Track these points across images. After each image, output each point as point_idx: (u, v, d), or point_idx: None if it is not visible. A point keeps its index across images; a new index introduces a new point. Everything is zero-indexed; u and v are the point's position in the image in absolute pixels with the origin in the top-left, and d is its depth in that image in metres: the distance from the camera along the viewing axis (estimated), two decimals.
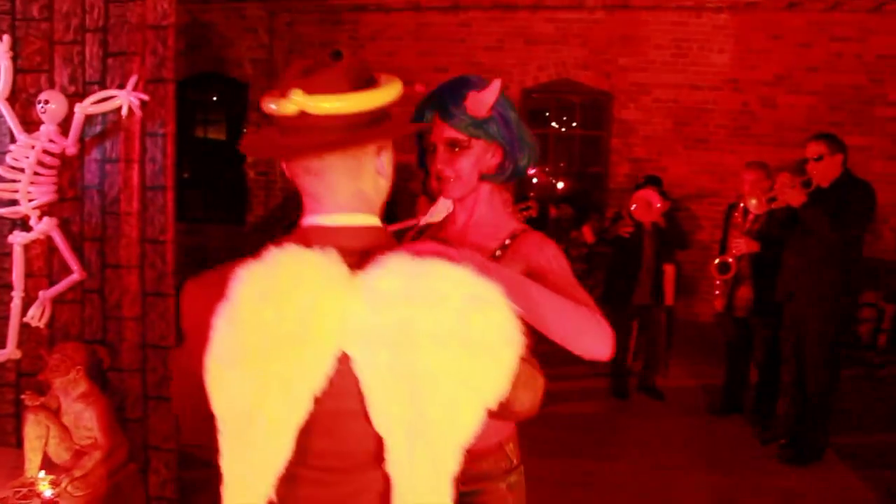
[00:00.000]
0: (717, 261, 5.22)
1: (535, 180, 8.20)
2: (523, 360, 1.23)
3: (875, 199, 4.55)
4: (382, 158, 1.35)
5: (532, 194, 6.62)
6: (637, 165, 8.34)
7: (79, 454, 3.40)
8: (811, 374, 4.56)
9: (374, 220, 1.34)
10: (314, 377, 1.18)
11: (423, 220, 2.16)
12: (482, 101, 1.65)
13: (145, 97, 3.42)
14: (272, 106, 1.26)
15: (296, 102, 1.23)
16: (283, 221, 8.30)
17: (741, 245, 5.06)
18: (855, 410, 5.51)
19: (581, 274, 7.43)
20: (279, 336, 1.17)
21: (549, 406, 5.39)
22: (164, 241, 3.53)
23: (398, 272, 1.17)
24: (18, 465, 3.43)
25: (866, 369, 6.50)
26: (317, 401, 1.19)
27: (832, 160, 4.50)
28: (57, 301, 3.62)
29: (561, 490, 4.13)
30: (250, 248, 1.26)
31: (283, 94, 1.25)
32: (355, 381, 1.19)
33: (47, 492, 3.14)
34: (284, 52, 8.83)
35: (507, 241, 1.72)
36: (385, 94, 1.30)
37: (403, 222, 7.34)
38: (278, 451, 1.20)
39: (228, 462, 1.22)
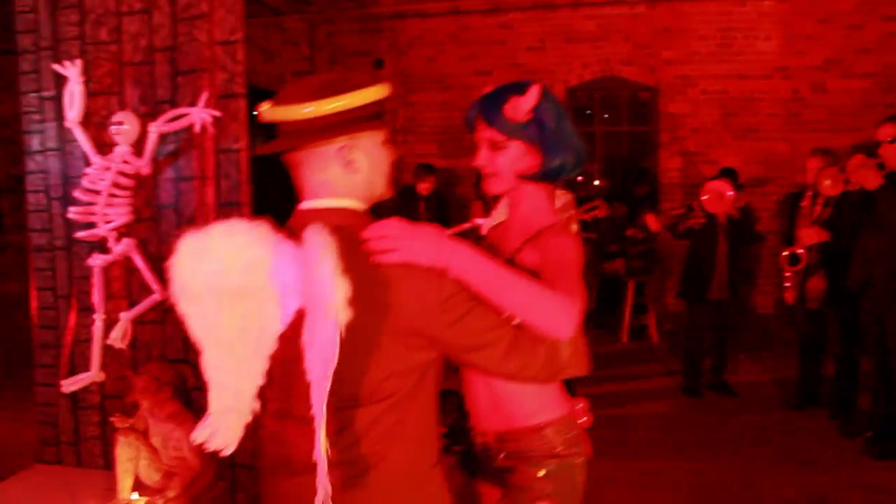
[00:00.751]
0: (786, 252, 5.10)
1: (579, 179, 8.12)
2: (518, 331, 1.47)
3: None
4: (354, 154, 1.52)
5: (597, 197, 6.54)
6: (687, 159, 8.22)
7: (168, 475, 3.39)
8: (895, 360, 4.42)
9: (346, 203, 1.53)
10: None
11: (485, 223, 2.29)
12: (520, 105, 1.76)
13: (217, 113, 3.42)
14: (256, 114, 1.53)
15: (262, 112, 1.51)
16: None
17: (811, 234, 4.94)
18: None
19: (639, 271, 7.34)
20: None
21: (620, 407, 5.31)
22: None
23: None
24: (109, 487, 3.45)
25: None
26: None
27: None
28: (138, 322, 3.63)
29: (642, 492, 4.05)
30: None
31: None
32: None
33: None
34: (326, 62, 8.85)
35: (534, 234, 1.82)
36: (344, 100, 1.47)
37: (460, 225, 7.26)
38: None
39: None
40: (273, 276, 1.39)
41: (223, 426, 1.43)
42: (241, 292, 1.38)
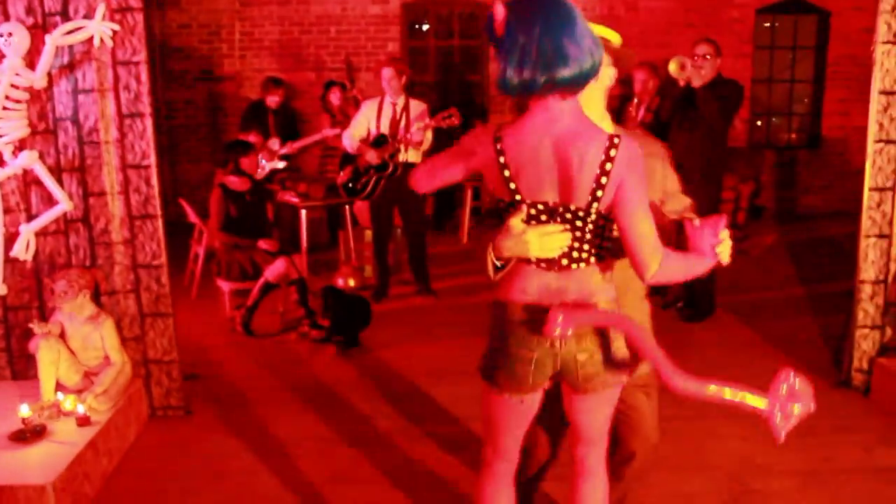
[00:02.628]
0: None
1: None
2: None
3: (744, 95, 5.31)
4: None
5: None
6: None
7: (88, 375, 3.59)
8: None
9: None
10: None
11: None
12: (492, 21, 1.90)
13: (115, 27, 3.50)
14: None
15: None
16: None
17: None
18: (730, 277, 6.39)
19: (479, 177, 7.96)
20: None
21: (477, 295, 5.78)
22: (147, 166, 3.68)
23: None
24: (22, 395, 3.55)
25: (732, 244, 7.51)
26: None
27: (714, 61, 5.18)
28: (38, 234, 3.70)
29: None
30: None
31: None
32: None
33: (80, 407, 3.33)
34: None
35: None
36: None
37: (311, 137, 7.57)
38: None
39: None
40: None
41: None
42: None
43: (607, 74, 2.13)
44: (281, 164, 6.57)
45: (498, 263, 2.04)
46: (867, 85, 3.96)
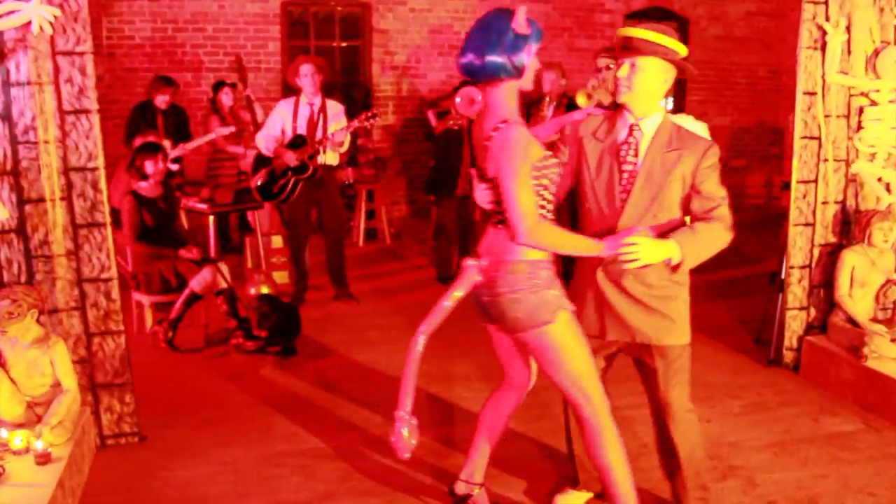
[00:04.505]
0: None
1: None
2: None
3: None
4: None
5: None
6: (398, 73, 8.82)
7: (31, 407, 3.18)
8: None
9: None
10: None
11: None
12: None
13: (57, 11, 3.12)
14: None
15: None
16: None
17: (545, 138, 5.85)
18: None
19: (369, 179, 7.88)
20: None
21: (386, 300, 5.66)
22: (94, 169, 3.31)
23: None
24: None
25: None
26: None
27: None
28: None
29: (451, 356, 4.66)
30: None
31: None
32: None
33: (38, 444, 2.93)
34: None
35: None
36: None
37: (202, 138, 7.18)
38: None
39: None
40: None
41: None
42: None
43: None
44: (174, 167, 6.14)
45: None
46: (724, 87, 4.31)
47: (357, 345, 4.96)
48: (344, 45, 8.92)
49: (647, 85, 2.56)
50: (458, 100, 5.90)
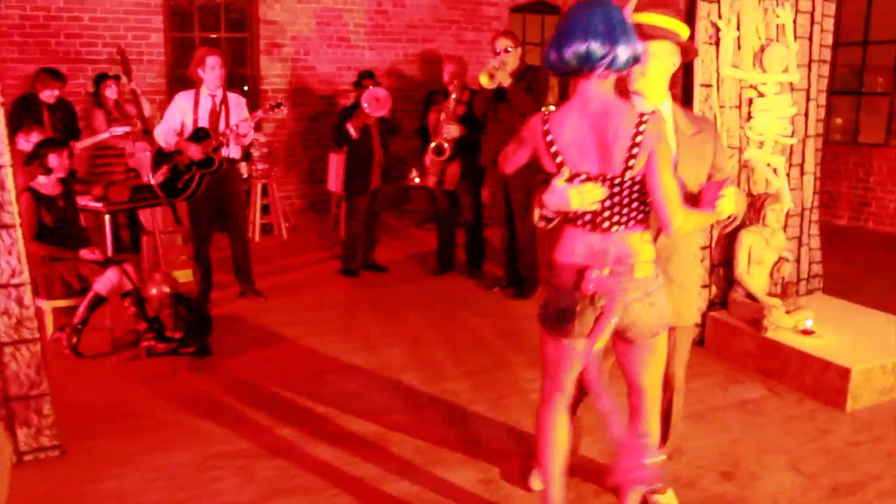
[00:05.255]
0: (433, 144, 6.02)
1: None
2: None
3: (549, 79, 5.76)
4: None
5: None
6: (287, 65, 8.65)
7: None
8: (521, 226, 5.69)
9: None
10: None
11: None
12: None
13: None
14: None
15: None
16: None
17: (454, 129, 5.93)
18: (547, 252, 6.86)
19: (263, 174, 7.71)
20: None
21: (293, 295, 5.61)
22: None
23: None
24: None
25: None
26: None
27: (517, 52, 5.54)
28: None
29: (374, 352, 4.67)
30: None
31: None
32: None
33: None
34: None
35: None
36: None
37: (94, 137, 6.89)
38: None
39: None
40: None
41: None
42: None
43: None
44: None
45: (547, 216, 2.41)
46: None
47: (271, 341, 4.87)
48: (230, 36, 8.66)
49: (660, 70, 2.58)
50: (366, 105, 5.90)
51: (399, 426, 3.65)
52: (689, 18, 4.33)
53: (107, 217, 5.45)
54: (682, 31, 2.60)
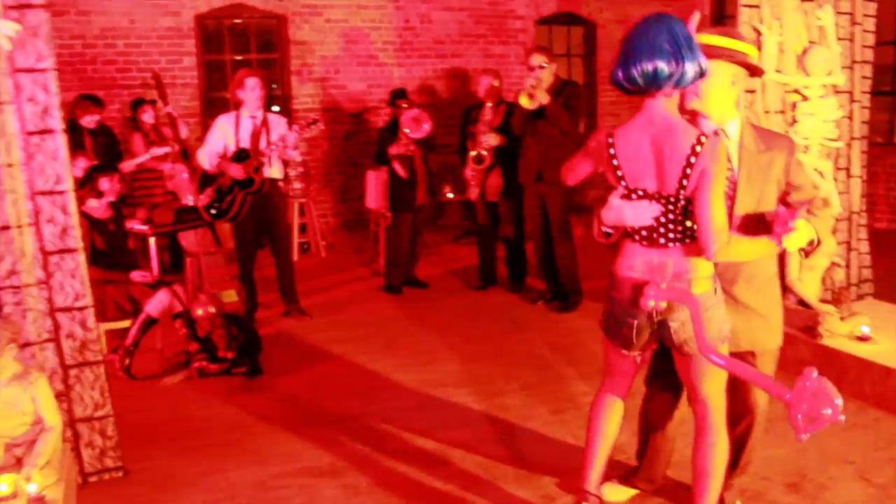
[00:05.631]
0: (473, 153, 6.03)
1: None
2: None
3: (582, 93, 5.75)
4: None
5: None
6: (317, 84, 8.72)
7: (9, 449, 2.97)
8: (559, 241, 5.67)
9: None
10: None
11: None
12: None
13: (17, 26, 2.94)
14: None
15: None
16: None
17: (492, 139, 5.93)
18: (589, 265, 6.76)
19: (300, 193, 7.75)
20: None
21: (338, 313, 5.59)
22: (62, 192, 3.13)
23: None
24: None
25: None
26: None
27: (552, 67, 5.54)
28: None
29: (422, 369, 4.65)
30: None
31: None
32: None
33: (32, 487, 2.74)
34: None
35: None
36: None
37: (137, 160, 6.91)
38: None
39: None
40: None
41: None
42: None
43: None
44: None
45: (606, 231, 2.49)
46: None
47: (320, 359, 4.88)
48: (261, 57, 8.75)
49: (716, 89, 2.53)
50: (407, 130, 5.93)
51: (459, 443, 3.63)
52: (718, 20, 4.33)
53: (152, 240, 5.49)
54: (744, 49, 2.57)
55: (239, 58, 8.61)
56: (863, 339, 4.19)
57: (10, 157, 3.04)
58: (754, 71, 2.65)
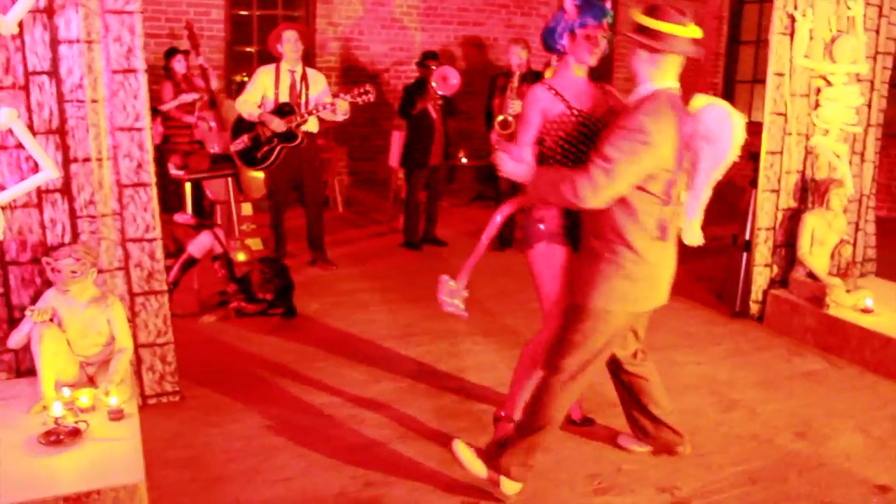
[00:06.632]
0: (500, 118, 6.22)
1: None
2: None
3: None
4: None
5: None
6: (342, 44, 8.85)
7: (83, 367, 3.20)
8: None
9: None
10: None
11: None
12: None
13: None
14: None
15: None
16: None
17: (518, 106, 6.12)
18: None
19: (324, 149, 7.91)
20: None
21: (361, 265, 5.82)
22: (140, 129, 3.33)
23: None
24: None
25: None
26: None
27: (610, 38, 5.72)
28: (2, 207, 3.18)
29: (438, 321, 4.89)
30: None
31: None
32: None
33: (113, 400, 2.96)
34: None
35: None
36: None
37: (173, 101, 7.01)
38: None
39: None
40: None
41: None
42: None
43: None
44: None
45: None
46: None
47: (350, 306, 5.11)
48: (287, 13, 8.85)
49: None
50: (434, 84, 6.10)
51: (489, 381, 3.92)
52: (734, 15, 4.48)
53: (188, 185, 5.69)
54: (696, 33, 2.74)
55: (265, 13, 8.72)
56: (866, 311, 4.47)
57: (95, 93, 3.22)
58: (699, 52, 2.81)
